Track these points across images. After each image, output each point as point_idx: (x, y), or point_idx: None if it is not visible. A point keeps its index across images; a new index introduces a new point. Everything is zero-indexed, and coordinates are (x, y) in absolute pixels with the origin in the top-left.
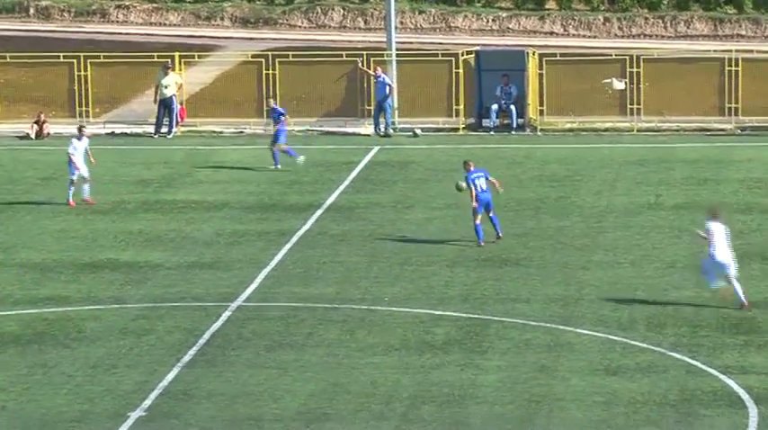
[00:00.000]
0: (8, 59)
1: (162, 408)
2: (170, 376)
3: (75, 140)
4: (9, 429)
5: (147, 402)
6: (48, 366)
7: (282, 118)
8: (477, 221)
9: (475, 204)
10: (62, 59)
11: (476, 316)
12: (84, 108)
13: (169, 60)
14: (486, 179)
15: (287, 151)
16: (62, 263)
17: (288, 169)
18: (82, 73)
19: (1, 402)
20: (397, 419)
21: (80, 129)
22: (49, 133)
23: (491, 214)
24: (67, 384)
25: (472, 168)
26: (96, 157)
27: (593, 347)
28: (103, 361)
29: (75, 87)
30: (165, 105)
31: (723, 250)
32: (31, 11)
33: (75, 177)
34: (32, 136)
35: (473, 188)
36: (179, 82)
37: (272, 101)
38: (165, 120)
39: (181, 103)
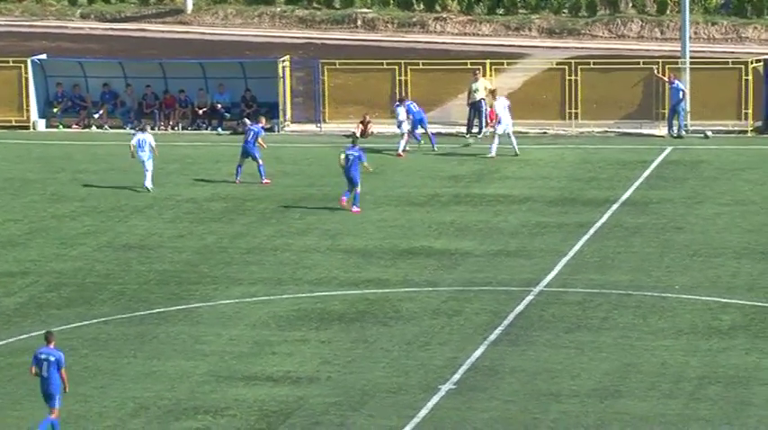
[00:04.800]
0: (337, 65)
1: (469, 382)
2: (477, 353)
3: (139, 134)
4: (333, 397)
5: (457, 376)
6: (368, 342)
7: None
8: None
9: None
10: (385, 66)
11: (761, 304)
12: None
13: (479, 68)
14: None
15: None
16: (382, 249)
17: (587, 166)
18: (403, 78)
19: (326, 373)
20: (685, 398)
21: (143, 128)
22: (372, 132)
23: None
24: (385, 358)
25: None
26: (412, 154)
27: None
28: (418, 338)
29: (397, 91)
30: (476, 108)
31: (505, 117)
32: (359, 22)
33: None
34: (358, 134)
35: None
36: (488, 87)
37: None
38: (476, 122)
39: (490, 106)
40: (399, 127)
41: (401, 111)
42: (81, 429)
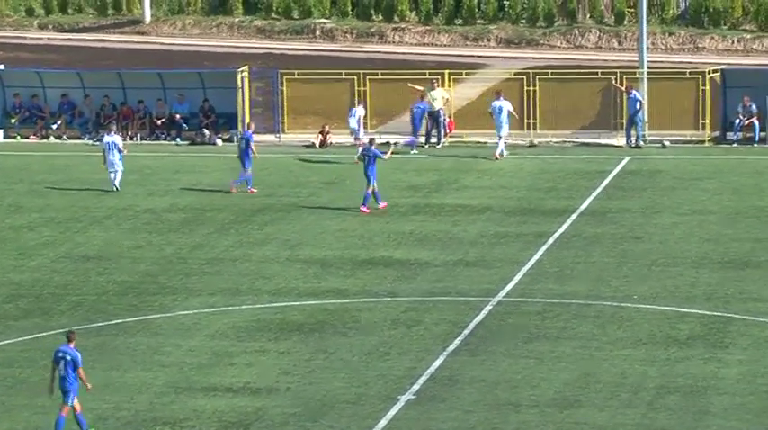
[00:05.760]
0: (296, 76)
1: (429, 392)
2: (436, 363)
3: (106, 136)
4: (292, 408)
5: (416, 387)
6: (327, 352)
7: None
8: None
9: None
10: (344, 76)
11: (719, 313)
12: (362, 120)
13: (437, 78)
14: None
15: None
16: (341, 259)
17: (545, 176)
18: (361, 88)
19: (285, 384)
20: (644, 407)
21: (109, 129)
22: (331, 143)
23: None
24: (345, 369)
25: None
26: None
27: None
28: (377, 348)
29: (355, 101)
30: (434, 118)
31: (500, 120)
32: (318, 32)
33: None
34: (317, 145)
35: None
36: (446, 96)
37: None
38: (434, 132)
39: (449, 116)
40: (356, 133)
41: (358, 110)
42: None
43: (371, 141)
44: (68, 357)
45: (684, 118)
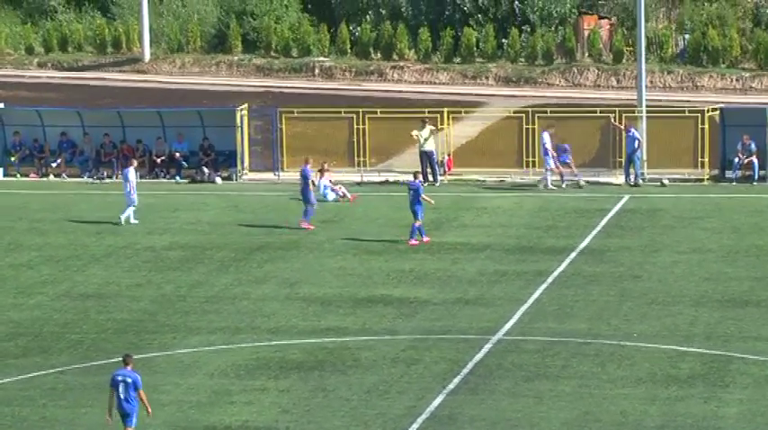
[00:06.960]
0: (295, 114)
1: None
2: (436, 402)
3: (125, 170)
4: None
5: (415, 426)
6: (327, 390)
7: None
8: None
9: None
10: (343, 114)
11: (718, 352)
12: (361, 158)
13: (427, 118)
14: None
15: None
16: (341, 297)
17: (545, 215)
18: (360, 126)
19: (285, 423)
20: None
21: (130, 162)
22: (330, 181)
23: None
24: (344, 407)
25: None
26: (371, 203)
27: None
28: (377, 387)
29: (354, 139)
30: (427, 156)
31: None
32: (317, 71)
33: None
34: (316, 183)
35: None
36: (432, 129)
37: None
38: (429, 170)
39: (448, 154)
40: (326, 195)
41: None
42: None
43: (416, 175)
44: (129, 379)
45: (683, 156)
